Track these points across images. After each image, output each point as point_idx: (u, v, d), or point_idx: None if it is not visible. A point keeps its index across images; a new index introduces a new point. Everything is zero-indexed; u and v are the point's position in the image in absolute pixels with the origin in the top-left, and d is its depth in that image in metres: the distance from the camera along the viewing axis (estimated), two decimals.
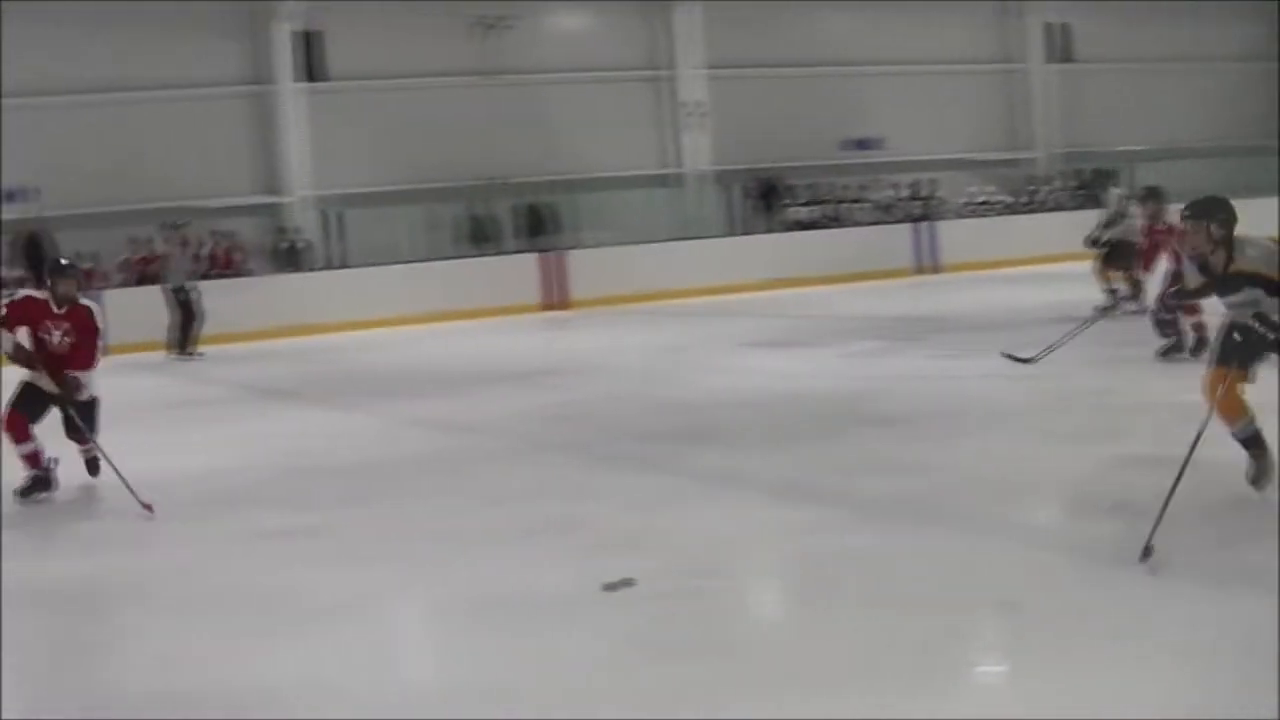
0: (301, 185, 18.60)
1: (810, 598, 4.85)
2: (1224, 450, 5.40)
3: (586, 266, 18.15)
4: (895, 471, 6.65)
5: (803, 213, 20.08)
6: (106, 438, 7.24)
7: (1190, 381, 7.82)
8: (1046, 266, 18.57)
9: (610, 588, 4.75)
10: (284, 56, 18.20)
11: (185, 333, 15.04)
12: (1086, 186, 22.02)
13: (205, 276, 16.53)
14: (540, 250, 18.69)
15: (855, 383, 9.85)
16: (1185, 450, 4.99)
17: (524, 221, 19.37)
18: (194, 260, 16.39)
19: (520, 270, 18.13)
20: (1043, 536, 5.53)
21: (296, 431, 9.33)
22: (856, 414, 8.41)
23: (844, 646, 4.16)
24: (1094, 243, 13.19)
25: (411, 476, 7.33)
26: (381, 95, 18.67)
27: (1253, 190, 21.78)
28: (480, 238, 19.14)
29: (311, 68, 18.35)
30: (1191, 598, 4.35)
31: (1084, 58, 23.08)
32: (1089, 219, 20.84)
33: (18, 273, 16.29)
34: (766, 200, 20.13)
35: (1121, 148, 22.55)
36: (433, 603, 5.00)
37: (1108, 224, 13.26)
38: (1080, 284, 16.08)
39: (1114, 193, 14.73)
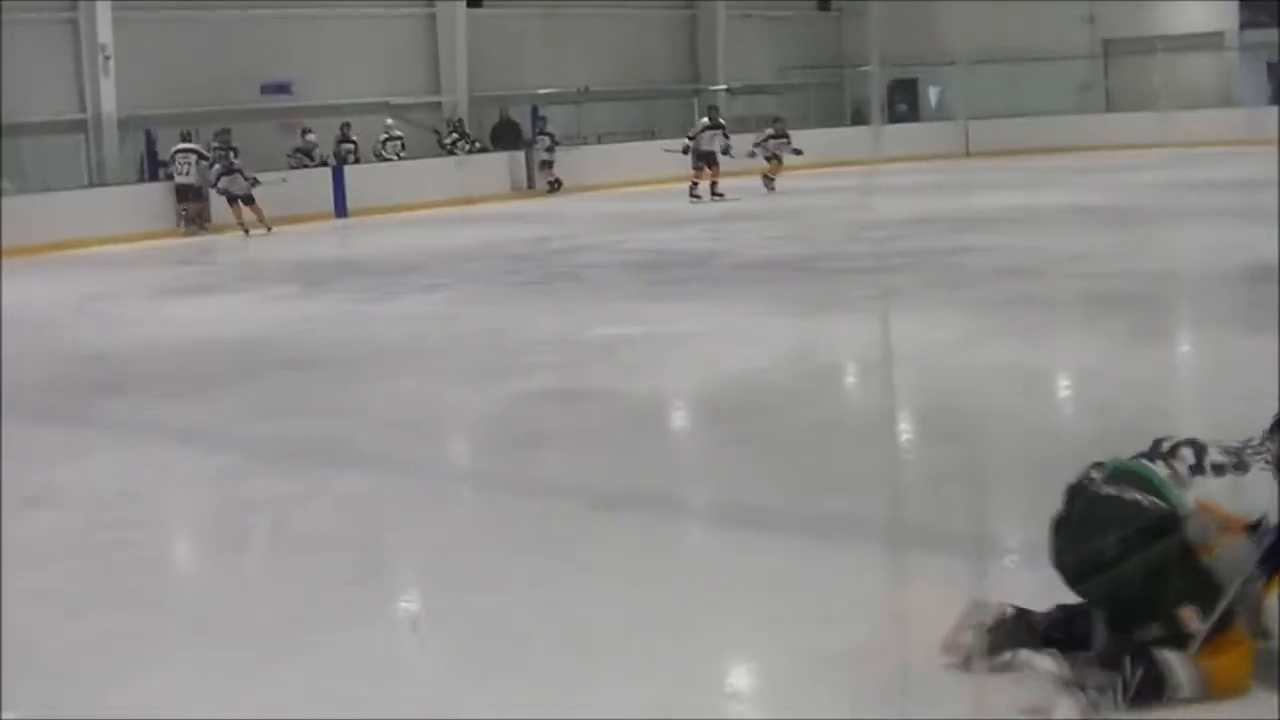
0: None
1: (223, 543, 4.94)
2: None
3: None
4: (307, 415, 6.81)
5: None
6: None
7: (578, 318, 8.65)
8: (463, 209, 19.43)
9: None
10: None
11: None
12: (502, 129, 22.97)
13: None
14: None
15: (271, 328, 9.86)
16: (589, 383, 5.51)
17: None
18: None
19: None
20: (452, 472, 5.96)
21: None
22: (271, 359, 8.45)
23: (258, 589, 4.32)
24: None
25: None
26: None
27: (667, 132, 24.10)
28: None
29: None
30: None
31: (493, 2, 23.95)
32: (504, 161, 21.89)
33: None
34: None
35: (540, 91, 23.79)
36: None
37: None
38: (493, 224, 17.10)
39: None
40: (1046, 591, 3.40)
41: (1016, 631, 3.26)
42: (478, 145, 22.53)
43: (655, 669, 3.47)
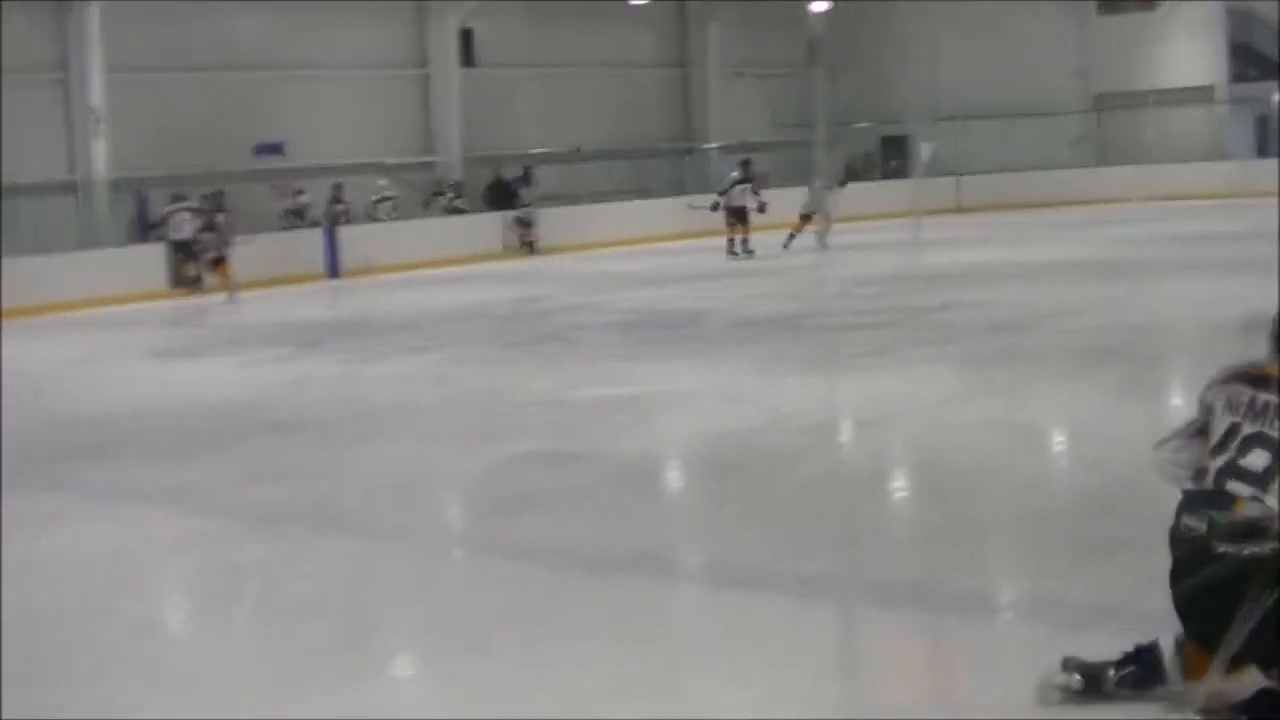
0: None
1: (211, 609, 4.86)
2: None
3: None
4: (294, 478, 6.76)
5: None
6: None
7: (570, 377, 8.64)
8: (455, 269, 19.45)
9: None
10: None
11: None
12: (495, 189, 23.14)
13: None
14: None
15: (261, 390, 9.81)
16: (579, 444, 5.52)
17: None
18: None
19: None
20: (441, 535, 5.89)
21: None
22: (260, 421, 8.39)
23: (247, 655, 4.25)
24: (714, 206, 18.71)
25: None
26: None
27: (660, 191, 24.32)
28: None
29: None
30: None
31: (486, 63, 24.18)
32: (496, 221, 22.13)
33: None
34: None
35: (533, 150, 23.99)
36: None
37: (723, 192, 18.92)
38: (485, 285, 17.12)
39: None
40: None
41: (1089, 692, 3.30)
42: (457, 204, 22.65)
43: None
